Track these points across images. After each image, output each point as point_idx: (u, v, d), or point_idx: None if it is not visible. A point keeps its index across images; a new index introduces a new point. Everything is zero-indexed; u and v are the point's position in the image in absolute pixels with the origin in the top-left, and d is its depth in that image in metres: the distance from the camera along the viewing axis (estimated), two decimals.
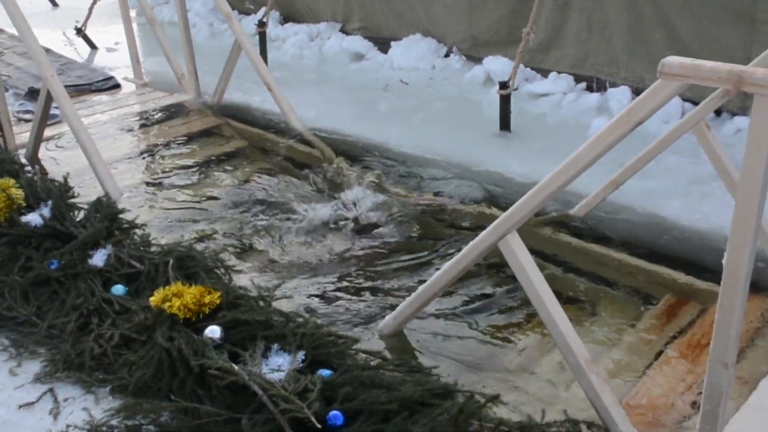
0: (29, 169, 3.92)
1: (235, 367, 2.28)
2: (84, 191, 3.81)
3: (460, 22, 6.09)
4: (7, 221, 3.21)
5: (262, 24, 6.62)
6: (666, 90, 2.00)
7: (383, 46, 6.59)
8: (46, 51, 4.49)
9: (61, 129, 4.95)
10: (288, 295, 3.01)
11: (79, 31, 7.55)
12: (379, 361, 2.48)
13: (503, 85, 4.84)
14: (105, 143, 4.79)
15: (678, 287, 3.14)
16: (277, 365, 2.32)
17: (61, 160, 4.64)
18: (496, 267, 3.22)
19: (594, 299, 3.08)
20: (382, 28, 6.71)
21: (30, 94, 5.53)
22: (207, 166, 4.54)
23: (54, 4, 9.67)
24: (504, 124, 4.92)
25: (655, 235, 3.55)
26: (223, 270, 2.96)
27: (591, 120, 4.88)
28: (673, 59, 1.79)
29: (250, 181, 4.25)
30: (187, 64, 5.67)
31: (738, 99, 4.54)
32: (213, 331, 2.48)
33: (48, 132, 4.74)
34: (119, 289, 2.86)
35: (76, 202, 3.41)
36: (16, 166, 3.73)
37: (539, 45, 5.48)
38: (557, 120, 5.12)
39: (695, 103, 3.31)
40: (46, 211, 3.26)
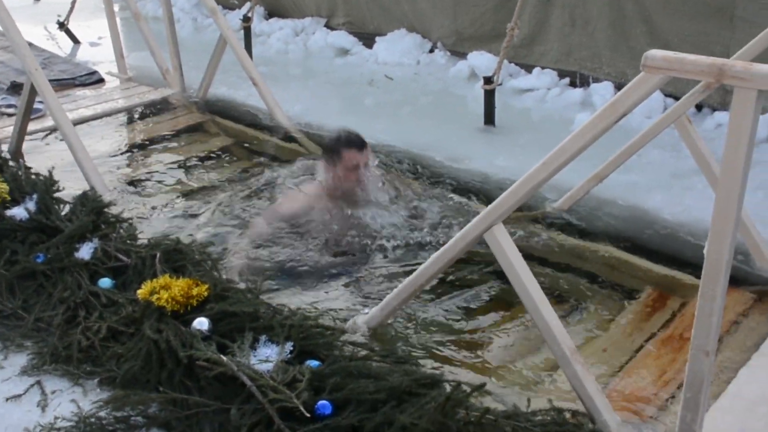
0: (13, 164, 3.89)
1: (224, 358, 2.28)
2: (69, 185, 3.80)
3: (444, 17, 6.12)
4: None
5: (246, 19, 6.61)
6: (649, 83, 2.03)
7: (368, 41, 6.61)
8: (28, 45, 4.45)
9: (45, 123, 4.92)
10: (275, 288, 3.02)
11: (62, 26, 7.49)
12: (367, 352, 2.50)
13: (488, 80, 4.88)
14: (89, 138, 4.76)
15: (660, 280, 3.18)
16: (266, 356, 2.33)
17: (45, 154, 4.62)
18: (481, 258, 3.25)
19: (575, 292, 3.11)
20: (366, 23, 6.73)
21: (13, 88, 5.48)
22: (192, 161, 4.53)
23: None
24: (489, 118, 4.96)
25: (638, 228, 3.59)
26: (211, 263, 2.97)
27: (575, 115, 4.92)
28: (656, 52, 1.82)
29: (234, 177, 4.25)
30: (172, 58, 5.65)
31: (718, 94, 4.60)
32: (201, 323, 2.48)
33: (31, 126, 4.70)
34: (106, 282, 2.85)
35: (61, 195, 3.40)
36: None
37: (523, 40, 5.52)
38: (541, 115, 5.17)
39: (677, 98, 3.35)
40: (31, 205, 3.23)
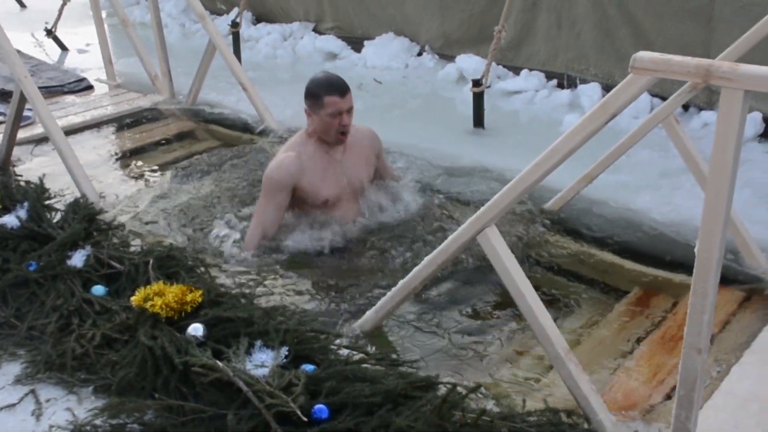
0: (3, 172, 3.88)
1: (219, 364, 2.29)
2: (59, 193, 3.80)
3: (431, 21, 6.15)
4: None
5: (235, 24, 6.61)
6: (637, 84, 2.05)
7: (356, 45, 6.63)
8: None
9: (34, 131, 4.90)
10: (269, 293, 3.03)
11: (50, 33, 7.46)
12: (362, 356, 2.51)
13: (476, 83, 4.90)
14: (78, 145, 4.75)
15: (649, 279, 3.20)
16: (261, 361, 2.34)
17: (35, 161, 4.60)
18: (474, 260, 3.27)
19: (568, 293, 3.12)
20: (354, 27, 6.74)
21: (1, 95, 5.46)
22: (183, 167, 4.51)
23: (21, 5, 9.56)
24: (478, 121, 4.98)
25: (627, 228, 3.61)
26: (203, 269, 2.97)
27: (563, 116, 4.96)
28: (644, 54, 1.84)
29: (227, 182, 4.24)
30: (161, 64, 5.64)
31: (704, 94, 4.65)
32: (196, 329, 2.49)
33: (21, 134, 4.68)
34: (99, 290, 2.85)
35: (52, 203, 3.40)
36: None
37: (510, 43, 5.55)
38: (530, 116, 5.20)
39: (663, 99, 3.39)
40: (22, 213, 3.24)
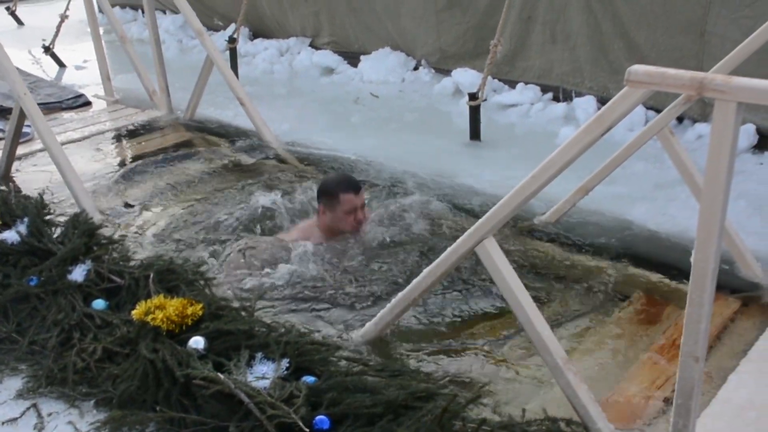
0: (3, 188, 3.90)
1: (221, 376, 2.30)
2: (59, 208, 3.81)
3: (428, 35, 6.21)
4: None
5: (232, 40, 6.66)
6: (633, 97, 2.09)
7: (353, 60, 6.68)
8: None
9: (33, 147, 4.92)
10: (269, 306, 3.04)
11: (47, 49, 7.51)
12: (362, 367, 2.52)
13: (473, 96, 4.95)
14: (77, 161, 4.77)
15: (647, 288, 3.22)
16: (262, 373, 2.35)
17: (35, 177, 4.62)
18: (472, 271, 3.30)
19: (566, 303, 3.15)
20: (351, 42, 6.80)
21: (0, 112, 5.49)
22: (181, 182, 4.53)
23: (19, 22, 9.62)
24: (474, 134, 5.03)
25: (624, 239, 3.65)
26: (203, 282, 2.99)
27: (559, 129, 5.01)
28: (639, 68, 1.87)
29: (226, 197, 4.26)
30: (159, 80, 5.68)
31: (698, 107, 4.70)
32: (197, 342, 2.50)
33: (20, 150, 4.71)
34: (100, 304, 2.86)
35: (52, 218, 3.41)
36: None
37: (505, 57, 5.61)
38: (526, 129, 5.25)
39: (658, 111, 3.42)
40: (22, 228, 3.25)
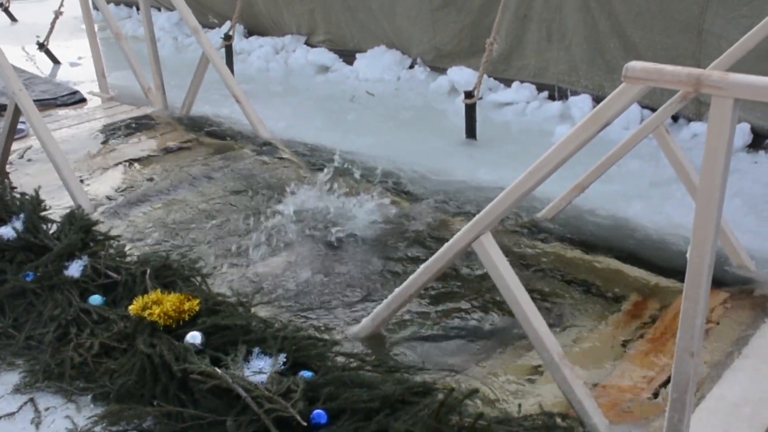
0: None
1: (218, 371, 2.31)
2: (54, 204, 3.81)
3: (423, 34, 6.21)
4: None
5: (228, 37, 6.65)
6: (630, 93, 2.10)
7: (348, 58, 6.68)
8: None
9: (28, 143, 4.91)
10: (266, 301, 3.05)
11: (42, 46, 7.48)
12: (359, 362, 2.53)
13: (468, 95, 4.96)
14: (73, 157, 4.76)
15: (642, 285, 3.23)
16: (259, 368, 2.36)
17: (30, 173, 4.61)
18: (469, 268, 3.31)
19: (562, 299, 3.16)
20: (346, 40, 6.80)
21: None
22: (177, 178, 4.53)
23: (12, 19, 9.58)
24: (470, 132, 5.03)
25: (619, 236, 3.66)
26: (200, 279, 2.99)
27: (554, 127, 5.03)
28: (636, 64, 1.88)
29: (222, 194, 4.26)
30: (155, 77, 5.66)
31: (693, 105, 4.72)
32: (194, 337, 2.51)
33: (14, 146, 4.69)
34: (97, 299, 2.87)
35: (47, 215, 3.41)
36: None
37: (501, 55, 5.62)
38: (521, 127, 5.26)
39: (653, 110, 3.44)
40: (18, 224, 3.25)
